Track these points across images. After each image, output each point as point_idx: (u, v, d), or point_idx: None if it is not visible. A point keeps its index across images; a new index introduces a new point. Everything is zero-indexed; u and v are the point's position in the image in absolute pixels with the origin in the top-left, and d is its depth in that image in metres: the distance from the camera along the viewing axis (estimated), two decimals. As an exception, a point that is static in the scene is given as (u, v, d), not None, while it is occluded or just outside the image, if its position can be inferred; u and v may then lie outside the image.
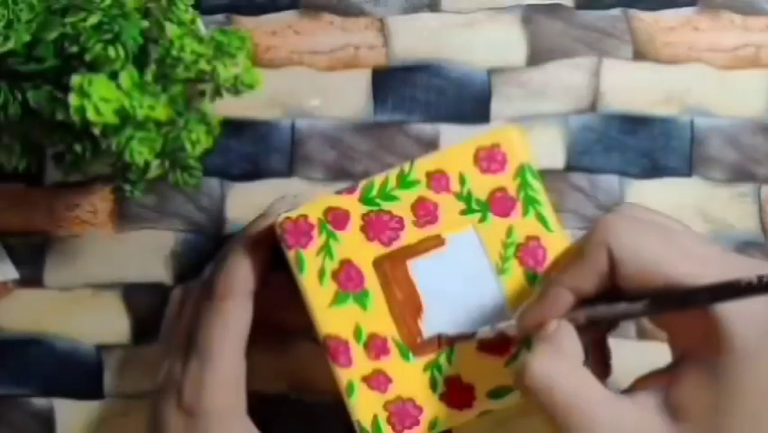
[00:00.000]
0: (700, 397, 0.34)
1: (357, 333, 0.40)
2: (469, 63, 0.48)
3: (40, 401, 0.48)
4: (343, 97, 0.48)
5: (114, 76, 0.37)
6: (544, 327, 0.37)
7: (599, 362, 0.40)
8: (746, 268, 0.34)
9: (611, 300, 0.36)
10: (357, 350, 0.40)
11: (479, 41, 0.48)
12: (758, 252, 0.48)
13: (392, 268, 0.40)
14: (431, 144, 0.48)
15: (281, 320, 0.46)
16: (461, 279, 0.40)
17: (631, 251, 0.35)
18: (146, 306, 0.48)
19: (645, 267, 0.35)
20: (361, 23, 0.48)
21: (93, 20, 0.37)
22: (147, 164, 0.40)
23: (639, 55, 0.48)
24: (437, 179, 0.40)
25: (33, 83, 0.39)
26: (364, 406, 0.40)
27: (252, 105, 0.48)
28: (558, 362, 0.36)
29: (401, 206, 0.40)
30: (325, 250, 0.40)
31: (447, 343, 0.40)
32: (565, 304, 0.36)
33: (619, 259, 0.35)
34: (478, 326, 0.40)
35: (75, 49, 0.37)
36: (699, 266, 0.34)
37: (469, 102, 0.48)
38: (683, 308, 0.35)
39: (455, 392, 0.40)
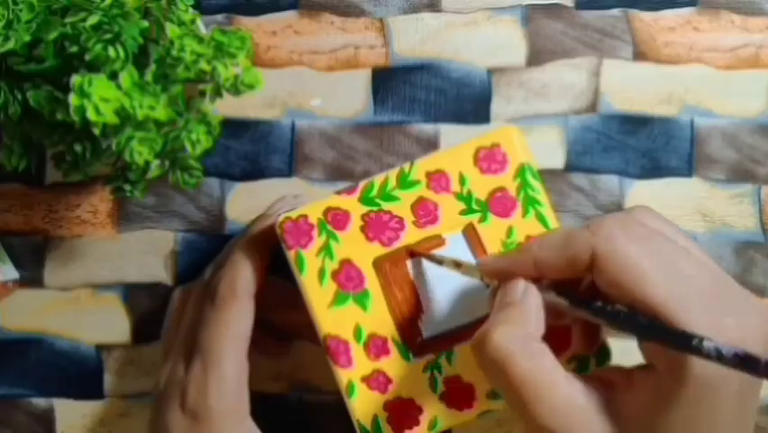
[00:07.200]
0: (646, 415, 0.33)
1: (357, 333, 0.40)
2: (469, 63, 0.48)
3: (40, 401, 0.48)
4: (343, 97, 0.48)
5: (114, 76, 0.37)
6: (509, 284, 0.36)
7: (584, 337, 0.38)
8: (735, 308, 0.33)
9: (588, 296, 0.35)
10: (357, 350, 0.40)
11: (479, 41, 0.48)
12: (758, 252, 0.48)
13: (392, 268, 0.40)
14: (431, 144, 0.48)
15: (281, 320, 0.46)
16: (461, 279, 0.40)
17: (614, 256, 0.33)
18: (146, 306, 0.48)
19: (623, 279, 0.33)
20: (361, 23, 0.48)
21: (93, 20, 0.37)
22: (147, 164, 0.40)
23: (639, 55, 0.48)
24: (437, 179, 0.40)
25: (33, 83, 0.39)
26: (364, 406, 0.40)
27: (252, 105, 0.48)
28: (519, 333, 0.34)
29: (401, 206, 0.40)
30: (325, 250, 0.40)
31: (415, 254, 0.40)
32: (525, 269, 0.35)
33: (600, 260, 0.34)
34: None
35: (75, 49, 0.37)
36: (681, 295, 0.32)
37: (469, 102, 0.48)
38: (639, 337, 0.33)
39: (455, 392, 0.40)
